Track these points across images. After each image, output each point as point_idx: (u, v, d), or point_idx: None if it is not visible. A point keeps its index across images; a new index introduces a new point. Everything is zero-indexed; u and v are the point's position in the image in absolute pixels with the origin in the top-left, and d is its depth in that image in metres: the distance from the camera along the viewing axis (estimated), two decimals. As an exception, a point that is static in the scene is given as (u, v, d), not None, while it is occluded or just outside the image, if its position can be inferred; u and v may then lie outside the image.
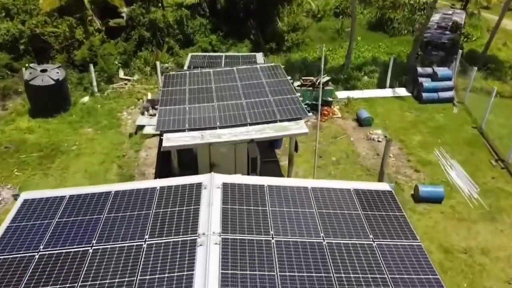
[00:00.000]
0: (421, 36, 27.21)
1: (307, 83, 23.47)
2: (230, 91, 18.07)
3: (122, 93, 25.35)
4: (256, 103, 17.01)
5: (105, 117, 22.90)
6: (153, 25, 30.24)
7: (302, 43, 32.22)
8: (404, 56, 29.94)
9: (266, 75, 19.21)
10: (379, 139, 21.07)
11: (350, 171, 18.88)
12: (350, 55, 28.06)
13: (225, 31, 33.24)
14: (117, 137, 21.27)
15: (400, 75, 26.74)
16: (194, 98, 17.56)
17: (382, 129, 22.04)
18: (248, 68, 20.04)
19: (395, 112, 23.73)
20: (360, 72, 27.70)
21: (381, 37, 34.32)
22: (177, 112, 16.56)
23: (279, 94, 17.59)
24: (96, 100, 24.39)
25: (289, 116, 16.08)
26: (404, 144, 20.75)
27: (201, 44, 31.40)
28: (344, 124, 22.60)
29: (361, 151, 20.29)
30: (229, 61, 22.70)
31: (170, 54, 30.37)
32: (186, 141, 15.05)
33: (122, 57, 27.47)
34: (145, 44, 30.15)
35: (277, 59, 30.61)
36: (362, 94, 25.37)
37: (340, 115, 23.31)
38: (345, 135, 21.54)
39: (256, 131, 15.51)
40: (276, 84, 18.44)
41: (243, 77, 19.19)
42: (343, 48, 31.47)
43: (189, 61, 22.86)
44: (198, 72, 19.91)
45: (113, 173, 18.60)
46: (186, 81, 19.07)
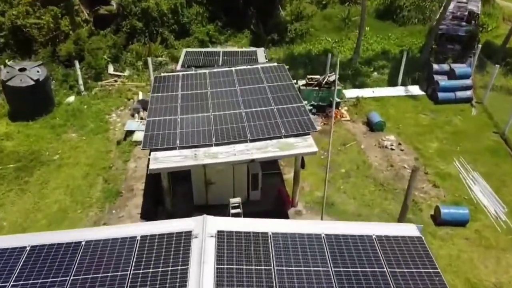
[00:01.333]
0: (436, 28, 24.82)
1: (312, 82, 21.25)
2: (228, 97, 15.91)
3: (111, 91, 23.12)
4: (257, 113, 14.88)
5: (92, 120, 20.74)
6: (146, 15, 27.80)
7: (306, 34, 29.79)
8: (416, 49, 27.58)
9: (268, 78, 17.01)
10: (392, 147, 18.98)
11: (361, 186, 16.86)
12: (358, 49, 25.71)
13: (223, 20, 30.82)
14: (104, 144, 19.17)
15: (412, 71, 24.46)
16: (187, 107, 15.41)
17: (395, 134, 19.93)
18: (248, 69, 17.82)
19: (409, 114, 21.57)
20: (369, 67, 25.42)
21: (390, 26, 31.82)
22: (167, 125, 14.43)
23: (283, 102, 15.44)
24: (83, 100, 22.18)
25: (295, 131, 13.96)
26: (420, 153, 18.67)
27: (198, 34, 29.01)
28: (354, 129, 20.47)
29: (373, 161, 18.22)
30: (227, 59, 20.46)
31: (164, 47, 28.00)
32: (177, 161, 12.98)
33: (112, 51, 25.13)
34: (137, 35, 27.77)
35: (279, 51, 28.36)
36: (373, 93, 23.16)
37: (349, 118, 21.17)
38: (355, 142, 19.44)
39: (257, 149, 13.42)
40: (280, 89, 16.26)
41: (243, 80, 16.99)
42: (350, 40, 29.09)
43: (183, 58, 20.59)
44: (193, 74, 17.70)
45: (98, 189, 16.57)
46: (179, 85, 16.87)
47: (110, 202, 15.93)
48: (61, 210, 15.58)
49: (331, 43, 28.38)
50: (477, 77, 24.02)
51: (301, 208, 15.83)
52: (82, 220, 15.17)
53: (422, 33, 30.05)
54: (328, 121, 20.77)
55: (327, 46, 28.25)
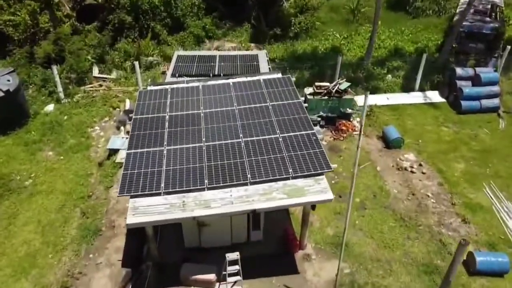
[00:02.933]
0: (457, 25, 21.90)
1: (321, 90, 18.53)
2: (225, 120, 13.27)
3: (95, 98, 20.38)
4: (259, 144, 12.26)
5: (72, 134, 18.11)
6: (135, 7, 24.85)
7: (311, 28, 26.84)
8: (432, 46, 24.71)
9: (271, 95, 14.34)
10: (412, 169, 16.43)
11: (379, 220, 14.36)
12: (371, 48, 22.82)
13: (221, 12, 27.84)
14: (84, 165, 16.58)
15: (430, 74, 21.69)
16: (175, 134, 12.77)
17: (415, 152, 17.36)
18: (248, 82, 15.14)
19: (429, 126, 18.91)
20: (382, 69, 22.63)
21: (402, 18, 28.85)
22: (151, 160, 11.82)
23: (291, 128, 12.81)
24: (63, 109, 19.48)
25: (305, 170, 11.37)
26: (445, 177, 16.11)
27: (193, 29, 26.08)
28: (367, 145, 17.86)
29: (391, 187, 15.69)
30: (224, 65, 17.68)
31: (156, 43, 25.14)
32: (161, 213, 10.44)
33: (97, 51, 22.27)
34: (126, 30, 24.87)
35: (282, 48, 25.47)
36: (387, 100, 20.46)
37: (362, 132, 18.51)
38: (370, 162, 16.87)
39: (259, 194, 10.86)
40: (286, 110, 13.61)
41: (242, 97, 14.32)
42: (360, 35, 26.18)
43: (174, 65, 17.79)
44: (184, 88, 15.01)
45: (74, 225, 14.07)
46: (167, 103, 14.20)
47: (87, 243, 13.45)
48: (30, 255, 13.10)
49: (340, 39, 25.45)
50: (503, 82, 21.29)
51: (310, 250, 13.36)
52: (53, 268, 12.71)
53: (439, 27, 27.14)
54: (339, 135, 18.20)
55: (335, 42, 25.35)
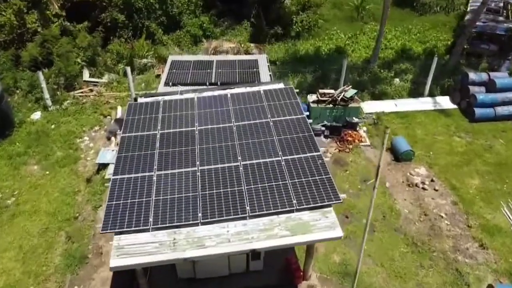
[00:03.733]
0: (471, 26, 20.46)
1: (325, 98, 17.19)
2: (222, 139, 11.96)
3: (85, 104, 19.04)
4: (259, 168, 10.97)
5: (60, 146, 16.81)
6: (129, 5, 23.40)
7: (314, 26, 25.39)
8: (442, 46, 23.29)
9: (273, 109, 13.02)
10: (424, 186, 15.16)
11: (389, 245, 13.15)
12: (378, 50, 21.41)
13: (220, 9, 26.36)
14: (71, 181, 15.31)
15: (441, 77, 20.33)
16: (167, 156, 11.47)
17: (426, 166, 16.09)
18: (247, 94, 13.79)
19: (441, 136, 17.59)
20: (389, 71, 21.24)
21: (408, 15, 27.41)
22: (138, 188, 10.55)
23: (294, 149, 11.51)
24: (50, 118, 18.15)
25: (311, 201, 10.08)
26: (459, 195, 14.86)
27: (190, 27, 24.64)
28: (375, 157, 16.55)
29: (402, 206, 14.45)
30: (221, 72, 16.34)
31: (151, 42, 23.71)
32: (149, 253, 9.19)
33: (87, 53, 20.84)
34: (119, 30, 23.46)
35: (283, 48, 24.07)
36: (395, 106, 19.13)
37: (369, 142, 17.24)
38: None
39: (259, 230, 9.60)
40: (288, 127, 12.29)
41: (241, 111, 13.00)
42: (365, 35, 24.73)
43: (168, 72, 16.43)
44: (177, 101, 13.67)
45: (58, 251, 12.83)
46: (158, 119, 12.88)
47: (72, 273, 12.24)
48: (9, 286, 11.93)
49: (345, 40, 23.99)
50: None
51: (315, 280, 12.15)
52: (34, 303, 11.58)
53: (447, 25, 25.71)
54: (344, 147, 16.90)
55: (339, 42, 23.91)
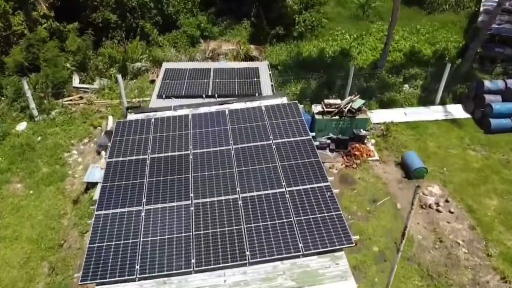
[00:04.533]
0: (486, 30, 19.02)
1: (331, 109, 15.85)
2: (219, 166, 10.67)
3: (74, 114, 17.71)
4: (261, 202, 9.69)
5: (46, 160, 15.53)
6: (122, 4, 21.92)
7: (317, 26, 23.91)
8: (452, 48, 21.83)
9: (276, 128, 11.71)
10: (438, 207, 13.91)
11: (402, 277, 11.93)
12: (386, 54, 20.00)
13: (218, 6, 24.88)
14: (57, 201, 14.06)
15: (452, 83, 18.95)
16: (157, 187, 10.19)
17: (440, 184, 14.82)
18: (247, 111, 12.46)
19: (454, 149, 16.28)
20: (398, 77, 19.86)
21: (416, 14, 25.85)
22: (124, 227, 9.27)
23: (299, 178, 10.22)
24: (36, 129, 16.82)
25: (319, 245, 8.79)
26: (476, 217, 13.60)
27: (187, 28, 23.21)
28: (385, 173, 15.29)
29: (415, 231, 13.19)
30: (219, 82, 14.99)
31: (145, 44, 22.29)
32: (134, 309, 7.97)
33: (76, 58, 19.43)
34: (111, 31, 22.01)
35: (285, 50, 22.68)
36: (405, 115, 17.78)
37: (378, 157, 15.93)
38: (388, 197, 14.34)
39: (260, 280, 8.34)
40: (293, 150, 10.99)
41: (240, 131, 11.69)
42: (372, 35, 23.27)
43: (161, 82, 15.06)
44: (170, 119, 12.35)
45: (39, 285, 11.62)
46: (149, 140, 11.57)
47: (55, 311, 11.12)
48: (-16, 328, 10.80)
49: (350, 41, 22.54)
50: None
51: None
52: None
53: (457, 25, 24.21)
54: (351, 162, 15.61)
55: (344, 44, 22.48)
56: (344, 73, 19.07)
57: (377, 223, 13.44)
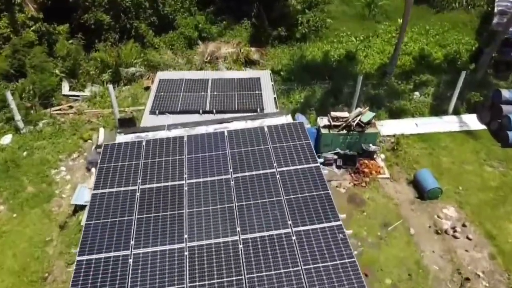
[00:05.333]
0: (502, 34, 17.67)
1: (338, 123, 14.60)
2: (217, 200, 9.47)
3: (63, 125, 16.44)
4: (264, 245, 8.51)
5: (31, 178, 14.31)
6: (115, 4, 20.52)
7: (321, 27, 22.53)
8: (465, 52, 20.48)
9: (279, 154, 10.49)
10: (455, 233, 12.73)
11: (418, 316, 10.85)
12: (396, 59, 18.66)
13: (217, 5, 23.47)
14: (43, 226, 12.87)
15: (465, 90, 17.63)
16: (147, 226, 8.99)
17: (456, 205, 13.62)
18: (248, 131, 11.22)
19: (469, 165, 15.06)
20: (407, 83, 18.56)
21: (425, 12, 24.40)
22: (109, 278, 8.10)
23: (307, 216, 9.03)
24: (22, 142, 15.55)
25: (332, 301, 7.67)
26: (497, 245, 12.41)
27: (184, 28, 21.85)
28: (396, 193, 14.09)
29: (430, 261, 12.01)
30: (217, 95, 13.71)
31: (140, 46, 20.94)
32: None
33: (66, 64, 18.10)
34: (105, 32, 20.65)
35: (287, 52, 21.36)
36: (416, 127, 16.54)
37: (388, 174, 14.71)
38: (401, 221, 13.15)
39: None
40: (299, 181, 9.79)
41: (240, 156, 10.47)
42: (379, 37, 21.90)
43: (155, 95, 13.77)
44: (163, 141, 11.11)
45: (20, 326, 10.57)
46: (139, 168, 10.34)
47: None
48: None
49: (356, 44, 21.18)
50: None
51: None
52: None
53: (469, 26, 22.85)
54: (360, 180, 14.40)
55: (350, 46, 21.12)
56: (351, 79, 17.84)
57: (389, 251, 12.27)
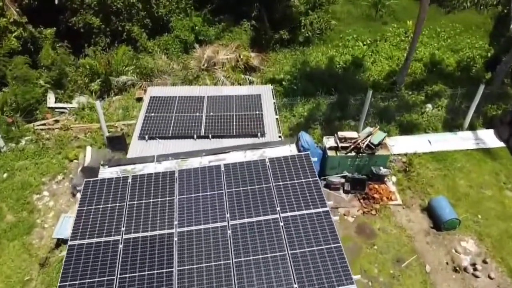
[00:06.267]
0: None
1: (346, 144, 13.21)
2: (211, 254, 8.14)
3: (47, 142, 15.04)
4: None
5: (11, 205, 12.96)
6: (105, 6, 18.99)
7: (325, 30, 21.00)
8: (479, 59, 18.99)
9: (283, 195, 9.16)
10: (475, 271, 11.45)
11: None
12: (407, 68, 17.19)
13: (215, 3, 21.85)
14: (22, 263, 11.54)
15: (481, 102, 16.18)
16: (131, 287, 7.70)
17: (475, 237, 12.31)
18: (247, 165, 9.85)
19: (488, 189, 13.68)
20: (419, 94, 17.11)
21: (435, 13, 22.70)
22: None
23: (315, 275, 7.74)
24: (3, 162, 14.15)
25: None
26: (522, 285, 11.23)
27: (179, 31, 20.30)
28: (409, 223, 12.75)
29: (449, 305, 10.82)
30: (214, 117, 12.30)
31: (133, 50, 19.46)
32: None
33: (51, 74, 16.61)
34: (95, 36, 19.17)
35: (290, 57, 19.93)
36: (430, 145, 15.14)
37: (400, 200, 13.37)
38: (415, 256, 11.86)
39: None
40: (306, 231, 8.51)
41: (238, 197, 9.13)
42: (387, 41, 20.37)
43: (145, 117, 12.34)
44: (152, 176, 9.75)
45: None
46: (123, 212, 8.99)
47: None
48: None
49: (363, 49, 19.67)
50: None
51: None
52: None
53: (482, 28, 21.32)
54: (370, 207, 13.07)
55: (356, 52, 19.61)
56: (358, 90, 16.45)
57: (403, 292, 11.03)
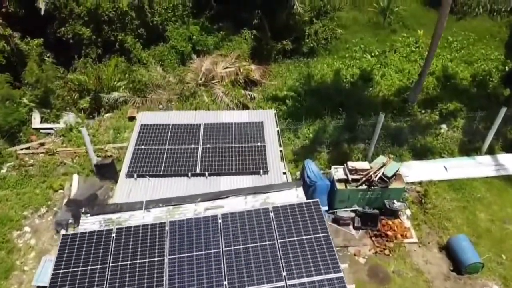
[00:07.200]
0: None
1: (357, 176, 11.85)
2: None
3: (31, 168, 13.67)
4: None
5: (-11, 243, 11.74)
6: (96, 16, 17.52)
7: (331, 39, 19.55)
8: (496, 72, 17.57)
9: (290, 255, 7.89)
10: (503, 324, 10.21)
11: None
12: (420, 86, 15.76)
13: (214, 10, 20.36)
14: (-3, 314, 10.38)
15: (501, 122, 14.79)
16: None
17: (500, 282, 11.02)
18: (248, 217, 8.53)
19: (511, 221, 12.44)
20: (432, 113, 15.72)
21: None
22: None
23: None
24: (-19, 193, 12.96)
25: None
26: None
27: (176, 41, 18.84)
28: (426, 264, 11.43)
29: None
30: (211, 150, 10.91)
31: (126, 61, 18.04)
32: None
33: (36, 92, 15.19)
34: (85, 47, 17.73)
35: (294, 69, 18.52)
36: (446, 172, 13.78)
37: (416, 238, 12.04)
38: (434, 305, 10.60)
39: None
40: (318, 304, 7.15)
41: (238, 259, 7.93)
42: (396, 52, 18.91)
43: (134, 150, 10.92)
44: (139, 228, 8.41)
45: None
46: (106, 277, 7.64)
47: None
48: None
49: (372, 62, 18.23)
50: None
51: None
52: None
53: (497, 37, 19.85)
54: (383, 246, 11.75)
55: (364, 64, 18.18)
56: (365, 105, 15.15)
57: None
